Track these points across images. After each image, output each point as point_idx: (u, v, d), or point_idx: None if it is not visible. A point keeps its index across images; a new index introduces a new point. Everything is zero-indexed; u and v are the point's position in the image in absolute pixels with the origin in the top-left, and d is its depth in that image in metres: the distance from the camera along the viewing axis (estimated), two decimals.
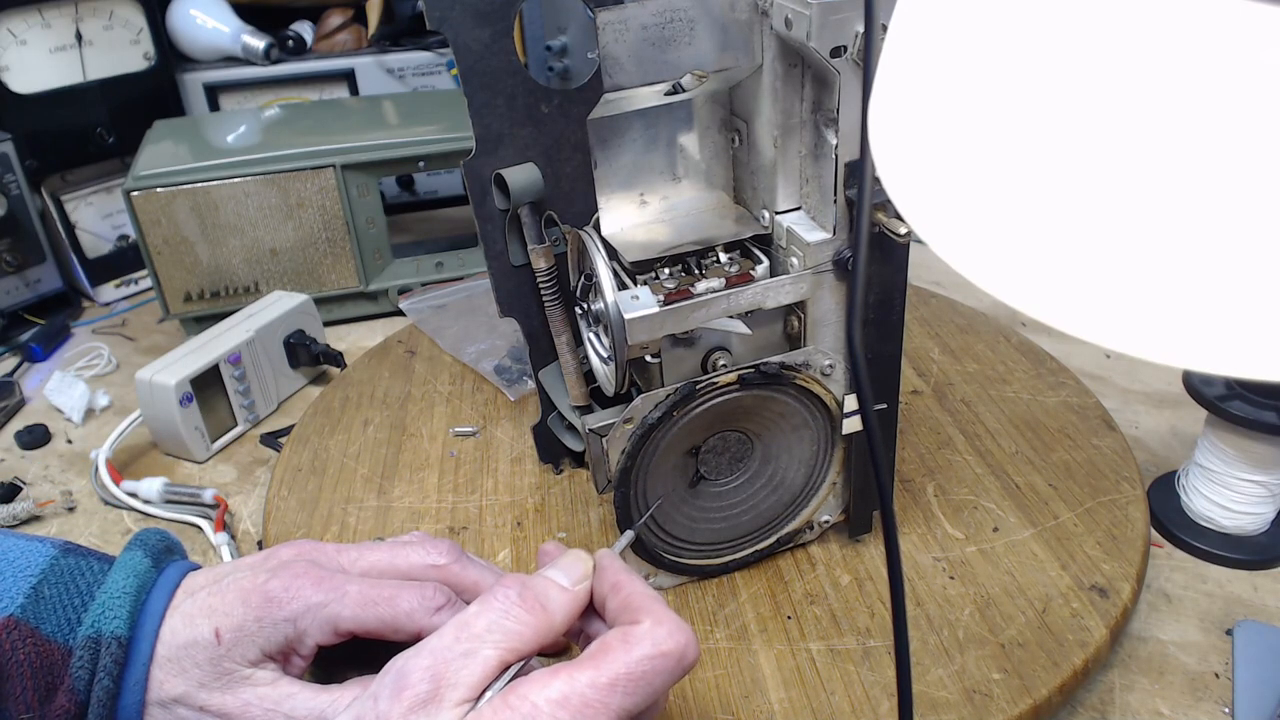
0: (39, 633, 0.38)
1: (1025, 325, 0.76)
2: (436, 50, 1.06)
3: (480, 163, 0.50)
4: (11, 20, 0.88)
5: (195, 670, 0.39)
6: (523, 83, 0.49)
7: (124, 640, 0.38)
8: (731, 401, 0.46)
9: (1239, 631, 0.51)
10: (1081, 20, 0.19)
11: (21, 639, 0.37)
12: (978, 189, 0.21)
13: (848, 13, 0.38)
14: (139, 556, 0.41)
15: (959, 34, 0.22)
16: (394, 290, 0.86)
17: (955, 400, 0.66)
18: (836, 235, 0.44)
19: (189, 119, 0.97)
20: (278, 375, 0.74)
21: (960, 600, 0.50)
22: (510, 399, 0.69)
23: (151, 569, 0.41)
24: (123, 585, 0.40)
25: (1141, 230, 0.19)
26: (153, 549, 0.43)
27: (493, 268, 0.54)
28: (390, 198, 1.04)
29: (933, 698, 0.45)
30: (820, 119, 0.44)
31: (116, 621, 0.38)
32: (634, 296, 0.44)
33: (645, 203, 0.49)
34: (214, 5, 1.03)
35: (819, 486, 0.51)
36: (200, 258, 0.80)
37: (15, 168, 0.83)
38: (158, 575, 0.41)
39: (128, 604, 0.39)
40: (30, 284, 0.87)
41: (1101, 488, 0.57)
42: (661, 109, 0.47)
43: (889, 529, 0.32)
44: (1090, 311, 0.20)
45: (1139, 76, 0.18)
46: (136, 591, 0.40)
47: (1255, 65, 0.17)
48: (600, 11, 0.42)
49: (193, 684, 0.39)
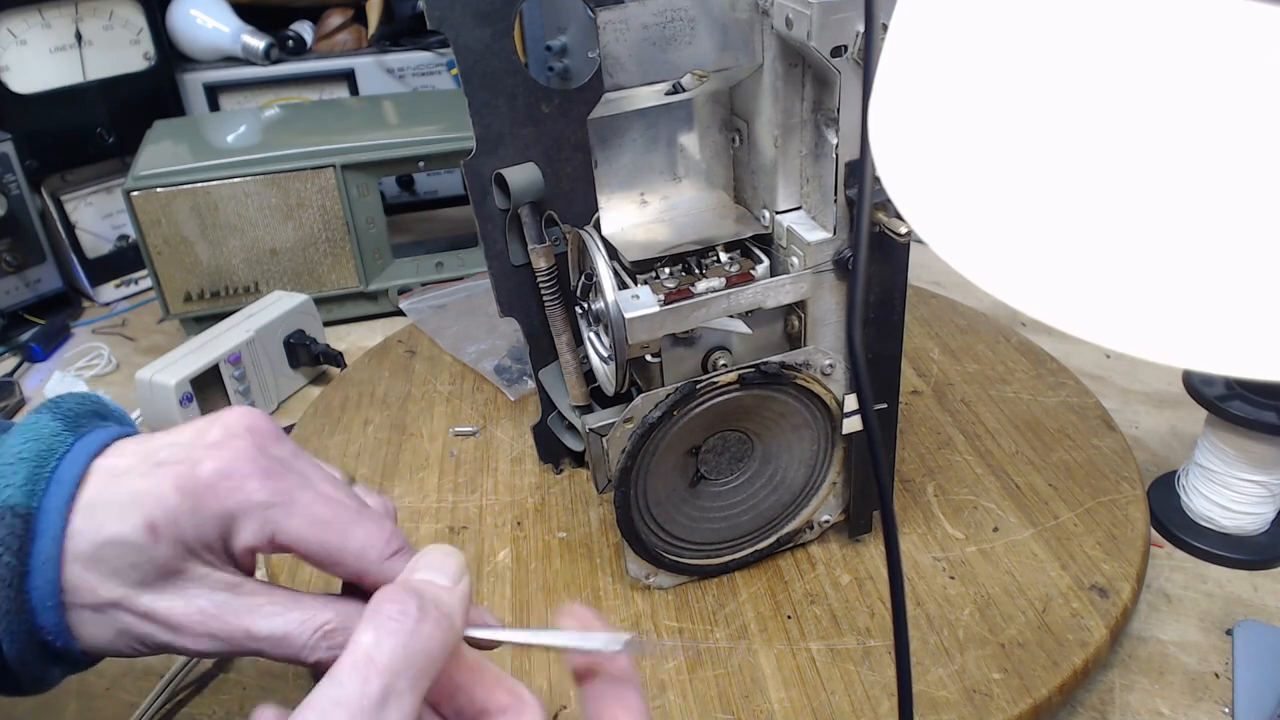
0: None
1: (1025, 325, 0.76)
2: (436, 50, 1.06)
3: (480, 162, 0.50)
4: (11, 20, 0.88)
5: (131, 571, 0.32)
6: (523, 83, 0.49)
7: (22, 512, 0.32)
8: (731, 401, 0.46)
9: (1239, 631, 0.51)
10: (1081, 20, 0.19)
11: None
12: (978, 189, 0.21)
13: (848, 12, 0.38)
14: (44, 420, 0.34)
15: (959, 34, 0.22)
16: (394, 290, 0.86)
17: (955, 400, 0.66)
18: (837, 235, 0.44)
19: (189, 119, 0.97)
20: (278, 375, 0.74)
21: (960, 600, 0.50)
22: (510, 399, 0.69)
23: (64, 432, 0.34)
24: (18, 450, 0.33)
25: (1141, 230, 0.19)
26: (66, 413, 0.35)
27: (493, 268, 0.54)
28: (390, 198, 1.04)
29: (933, 697, 0.45)
30: (821, 118, 0.44)
31: (9, 490, 0.32)
32: (634, 296, 0.44)
33: (645, 202, 0.49)
34: (214, 5, 1.03)
35: (819, 486, 0.51)
36: (200, 258, 0.80)
37: (15, 168, 0.83)
38: (74, 440, 0.34)
39: (24, 470, 0.32)
40: (30, 284, 0.87)
41: (1101, 488, 0.57)
42: (662, 109, 0.47)
43: (889, 529, 0.32)
44: (1090, 311, 0.20)
45: (1139, 76, 0.18)
46: (38, 458, 0.33)
47: (1255, 65, 0.17)
48: (601, 11, 0.42)
49: (130, 584, 0.32)
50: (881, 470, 0.33)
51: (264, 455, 0.34)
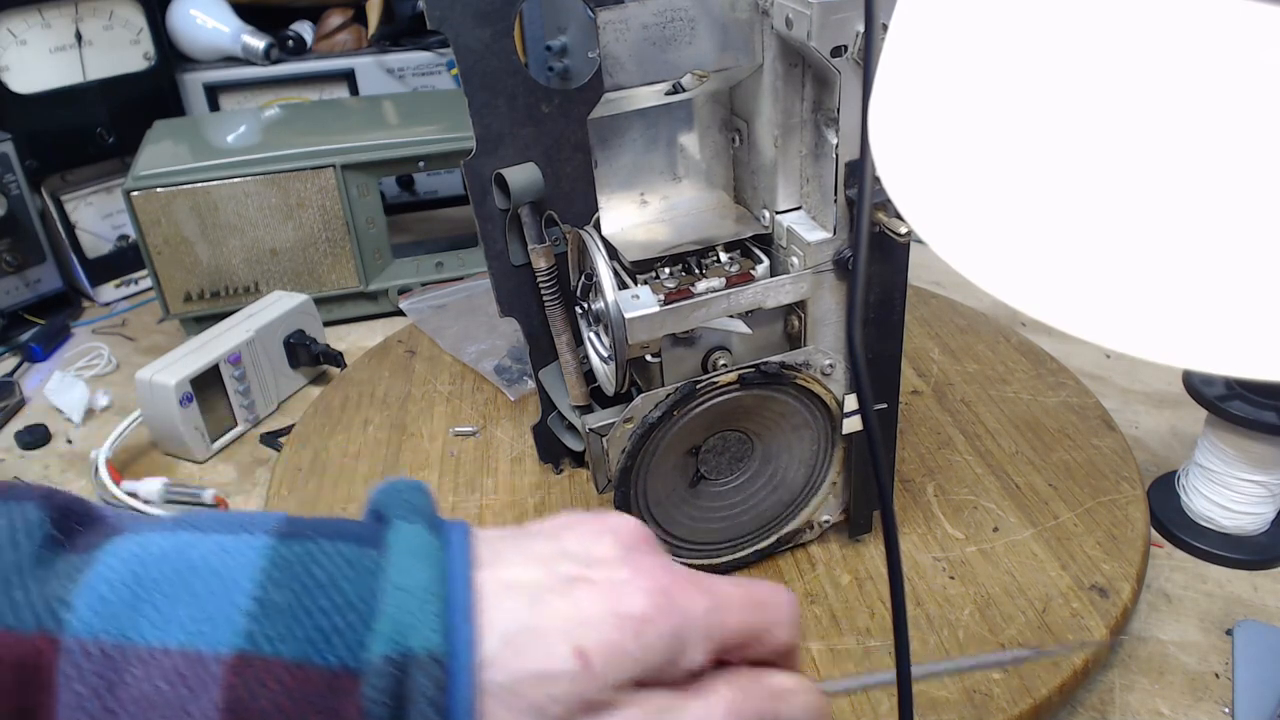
0: (283, 661, 0.27)
1: (1025, 325, 0.76)
2: (436, 50, 1.06)
3: (480, 162, 0.50)
4: (11, 20, 0.88)
5: (552, 706, 0.28)
6: (523, 83, 0.49)
7: (441, 657, 0.27)
8: (731, 401, 0.46)
9: (1239, 631, 0.51)
10: (1081, 20, 0.19)
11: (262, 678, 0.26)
12: (978, 189, 0.21)
13: (848, 12, 0.38)
14: (420, 531, 0.30)
15: (959, 34, 0.22)
16: (394, 290, 0.86)
17: (955, 400, 0.66)
18: (837, 235, 0.44)
19: (189, 119, 0.97)
20: (278, 375, 0.74)
21: (960, 600, 0.50)
22: (510, 399, 0.69)
23: (438, 546, 0.30)
24: (422, 580, 0.28)
25: (1141, 230, 0.19)
26: (422, 509, 0.31)
27: (493, 268, 0.54)
28: (390, 198, 1.04)
29: (933, 697, 0.45)
30: (821, 119, 0.44)
31: (428, 633, 0.27)
32: (634, 296, 0.44)
33: (645, 202, 0.49)
34: (214, 5, 1.03)
35: (819, 486, 0.51)
36: (200, 258, 0.80)
37: (15, 168, 0.83)
38: (444, 548, 0.30)
39: (435, 606, 0.27)
40: (30, 284, 0.87)
41: (1101, 488, 0.57)
42: (662, 109, 0.47)
43: (889, 529, 0.32)
44: (1090, 311, 0.20)
45: (1139, 76, 0.18)
46: (438, 582, 0.28)
47: (1255, 65, 0.17)
48: (601, 11, 0.42)
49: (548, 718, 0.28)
50: (881, 470, 0.33)
51: (675, 563, 0.31)
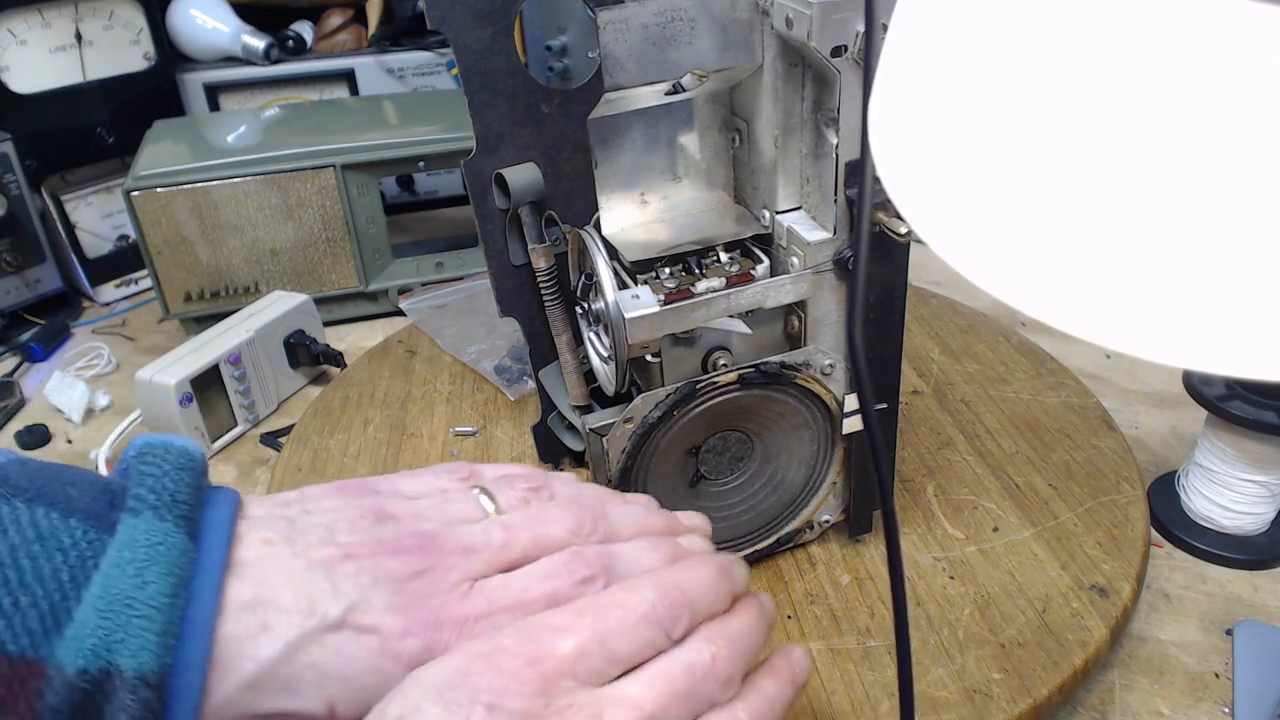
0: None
1: (1025, 325, 0.76)
2: (436, 50, 1.06)
3: (480, 162, 0.50)
4: (11, 20, 0.88)
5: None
6: (523, 82, 0.49)
7: (154, 681, 0.24)
8: (731, 401, 0.46)
9: (1239, 631, 0.51)
10: (1082, 20, 0.19)
11: None
12: (978, 189, 0.21)
13: (848, 12, 0.38)
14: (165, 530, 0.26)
15: (959, 34, 0.22)
16: (394, 290, 0.86)
17: (955, 400, 0.66)
18: (837, 235, 0.44)
19: (189, 119, 0.97)
20: (278, 375, 0.74)
21: (960, 600, 0.50)
22: (510, 399, 0.69)
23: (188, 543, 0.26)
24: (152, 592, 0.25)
25: (1141, 230, 0.19)
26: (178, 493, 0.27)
27: (493, 267, 0.54)
28: (390, 198, 1.04)
29: (933, 697, 0.45)
30: (821, 119, 0.44)
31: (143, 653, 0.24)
32: (634, 296, 0.44)
33: (646, 202, 0.49)
34: (214, 5, 1.03)
35: (819, 486, 0.51)
36: (200, 258, 0.80)
37: (15, 168, 0.83)
38: (198, 552, 0.26)
39: (159, 624, 0.24)
40: (30, 284, 0.87)
41: (1101, 488, 0.57)
42: (662, 109, 0.47)
43: (890, 529, 0.32)
44: (1090, 311, 0.20)
45: (1139, 76, 0.18)
46: (171, 596, 0.25)
47: (1255, 65, 0.17)
48: (601, 11, 0.42)
49: None
50: (882, 470, 0.33)
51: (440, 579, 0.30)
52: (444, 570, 0.30)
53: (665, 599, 0.30)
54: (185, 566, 0.26)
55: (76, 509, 0.26)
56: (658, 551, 0.34)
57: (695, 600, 0.31)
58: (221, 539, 0.27)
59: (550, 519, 0.33)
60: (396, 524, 0.31)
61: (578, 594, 0.31)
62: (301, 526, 0.30)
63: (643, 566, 0.33)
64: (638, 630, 0.30)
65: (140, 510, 0.26)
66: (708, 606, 0.32)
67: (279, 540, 0.29)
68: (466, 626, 0.29)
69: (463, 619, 0.29)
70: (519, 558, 0.32)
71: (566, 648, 0.28)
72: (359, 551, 0.29)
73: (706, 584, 0.32)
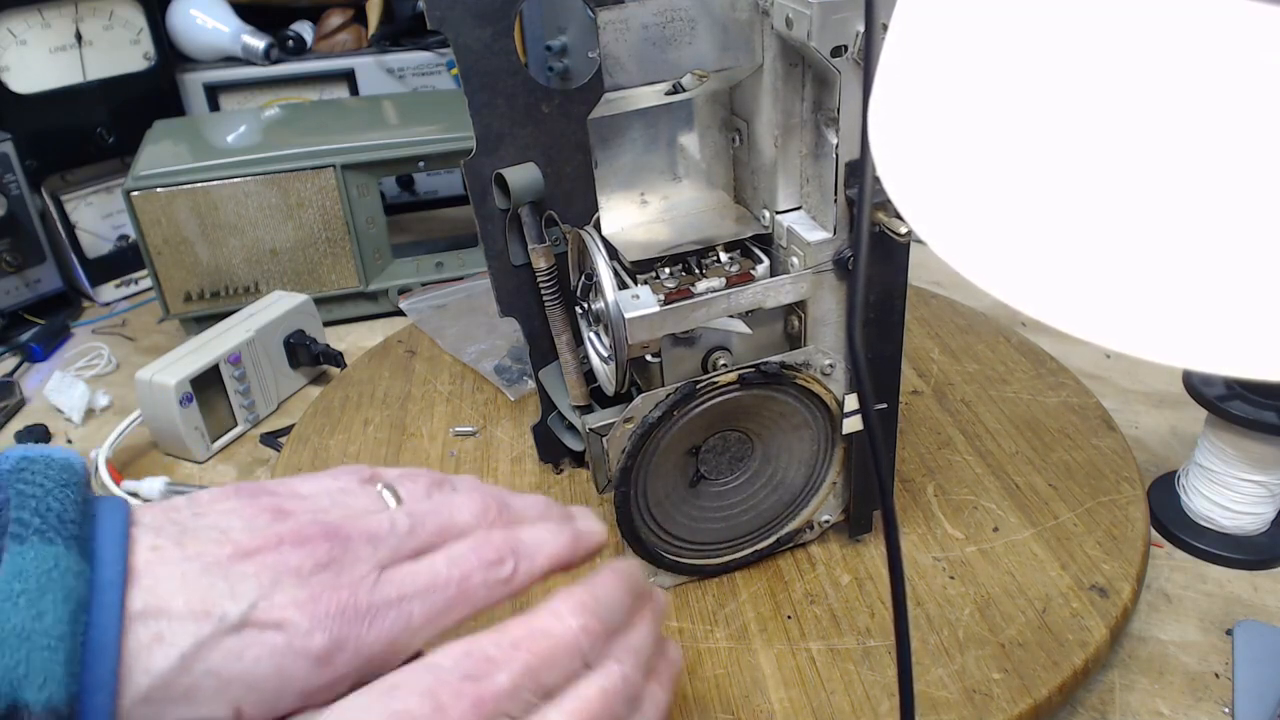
0: None
1: (1025, 325, 0.76)
2: (436, 50, 1.06)
3: (480, 162, 0.50)
4: (11, 20, 0.88)
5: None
6: (523, 82, 0.49)
7: (67, 714, 0.24)
8: (731, 401, 0.46)
9: (1239, 631, 0.51)
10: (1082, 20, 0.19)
11: None
12: (978, 189, 0.21)
13: (848, 12, 0.38)
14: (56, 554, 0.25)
15: (959, 34, 0.22)
16: (394, 290, 0.86)
17: (955, 400, 0.66)
18: (837, 235, 0.44)
19: (189, 119, 0.97)
20: (278, 375, 0.74)
21: (960, 600, 0.50)
22: (510, 399, 0.69)
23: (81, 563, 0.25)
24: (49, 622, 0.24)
25: (1141, 230, 0.19)
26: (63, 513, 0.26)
27: (493, 268, 0.54)
28: (390, 198, 1.04)
29: (933, 697, 0.45)
30: (821, 118, 0.44)
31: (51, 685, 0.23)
32: (634, 296, 0.44)
33: (646, 202, 0.49)
34: (214, 5, 1.03)
35: (819, 486, 0.51)
36: (200, 258, 0.80)
37: (15, 168, 0.83)
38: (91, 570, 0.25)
39: (64, 653, 0.24)
40: (30, 284, 0.87)
41: (1101, 488, 0.57)
42: (662, 109, 0.47)
43: (890, 529, 0.32)
44: (1090, 311, 0.20)
45: (1139, 76, 0.18)
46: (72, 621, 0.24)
47: (1255, 65, 0.17)
48: (601, 11, 0.42)
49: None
50: (882, 470, 0.33)
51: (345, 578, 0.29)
52: (350, 561, 0.29)
53: (587, 629, 0.31)
54: (81, 588, 0.25)
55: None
56: (559, 535, 0.34)
57: (610, 624, 0.32)
58: (116, 552, 0.26)
59: (455, 505, 0.33)
60: (295, 518, 0.30)
61: (486, 578, 0.31)
62: (193, 530, 0.29)
63: (546, 548, 0.33)
64: (563, 660, 0.30)
65: (25, 536, 0.25)
66: (618, 625, 0.33)
67: (168, 545, 0.28)
68: (377, 618, 0.29)
69: (373, 609, 0.29)
70: (425, 544, 0.32)
71: (503, 682, 0.28)
72: (257, 547, 0.28)
73: (619, 605, 0.33)
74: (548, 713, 0.29)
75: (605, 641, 0.32)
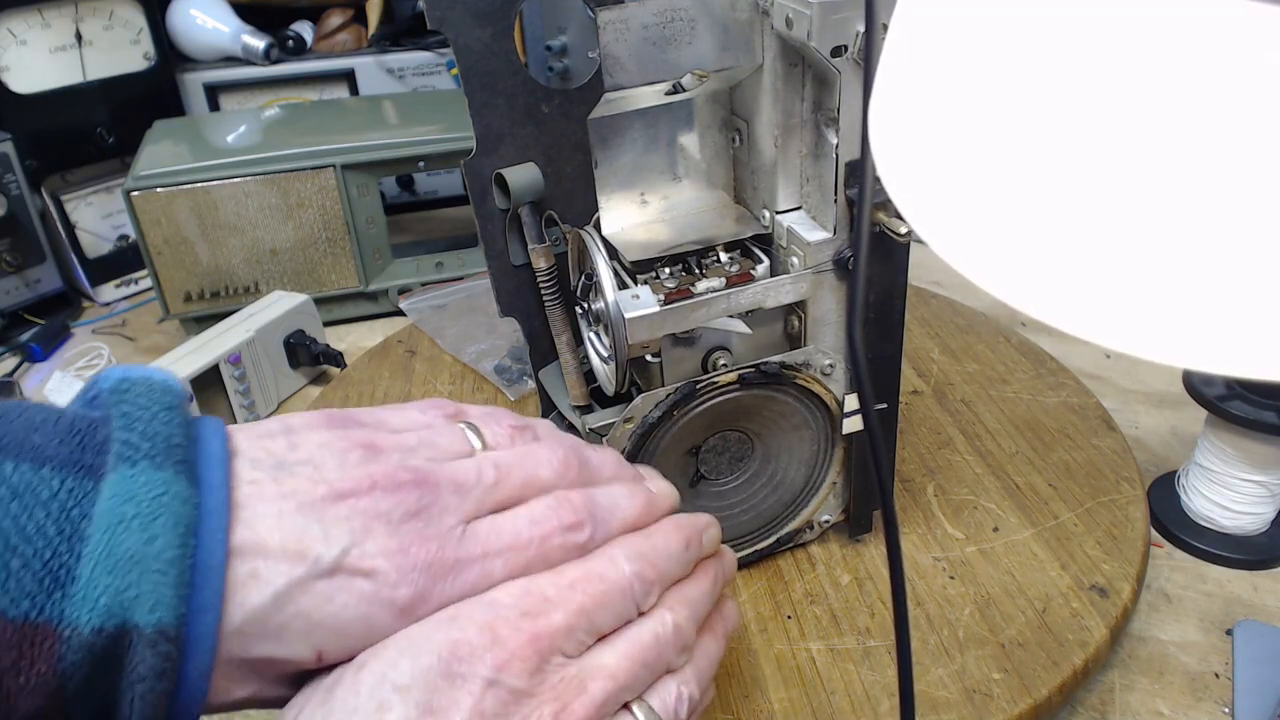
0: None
1: (1025, 325, 0.76)
2: (436, 50, 1.06)
3: (480, 162, 0.50)
4: (11, 20, 0.88)
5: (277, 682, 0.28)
6: (523, 83, 0.49)
7: (172, 634, 0.24)
8: (731, 401, 0.46)
9: (1239, 631, 0.51)
10: (1082, 20, 0.19)
11: None
12: (978, 189, 0.21)
13: (848, 12, 0.38)
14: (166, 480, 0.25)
15: (959, 34, 0.22)
16: (394, 290, 0.86)
17: (955, 400, 0.66)
18: (837, 235, 0.44)
19: (189, 119, 0.97)
20: (278, 375, 0.74)
21: (960, 600, 0.50)
22: (510, 399, 0.69)
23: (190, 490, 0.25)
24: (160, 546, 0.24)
25: (1141, 230, 0.19)
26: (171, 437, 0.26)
27: (493, 268, 0.54)
28: (390, 198, 1.04)
29: (933, 697, 0.45)
30: (821, 118, 0.44)
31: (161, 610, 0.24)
32: (634, 296, 0.44)
33: (646, 202, 0.49)
34: (214, 5, 1.03)
35: (819, 486, 0.51)
36: (200, 258, 0.80)
37: (15, 168, 0.83)
38: (199, 497, 0.26)
39: (173, 576, 0.24)
40: (30, 284, 0.87)
41: (1101, 488, 0.57)
42: (662, 109, 0.47)
43: (890, 529, 0.32)
44: (1090, 311, 0.20)
45: (1139, 76, 0.18)
46: (180, 547, 0.24)
47: (1255, 65, 0.17)
48: (601, 11, 0.42)
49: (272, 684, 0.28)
50: (882, 470, 0.33)
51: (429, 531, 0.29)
52: (438, 512, 0.30)
53: (641, 576, 0.32)
54: (190, 514, 0.25)
55: (47, 458, 0.25)
56: (634, 498, 0.35)
57: (665, 573, 0.33)
58: (220, 478, 0.27)
59: (539, 459, 0.34)
60: (386, 458, 0.31)
61: (564, 541, 0.32)
62: (289, 465, 0.29)
63: (621, 513, 0.34)
64: (616, 603, 0.31)
65: (135, 459, 0.25)
66: (674, 576, 0.34)
67: (265, 479, 0.28)
68: (461, 574, 0.30)
69: (459, 565, 0.30)
70: (508, 498, 0.32)
71: (559, 621, 0.29)
72: (350, 489, 0.29)
73: (675, 556, 0.34)
74: (600, 652, 0.30)
75: (660, 589, 0.33)
